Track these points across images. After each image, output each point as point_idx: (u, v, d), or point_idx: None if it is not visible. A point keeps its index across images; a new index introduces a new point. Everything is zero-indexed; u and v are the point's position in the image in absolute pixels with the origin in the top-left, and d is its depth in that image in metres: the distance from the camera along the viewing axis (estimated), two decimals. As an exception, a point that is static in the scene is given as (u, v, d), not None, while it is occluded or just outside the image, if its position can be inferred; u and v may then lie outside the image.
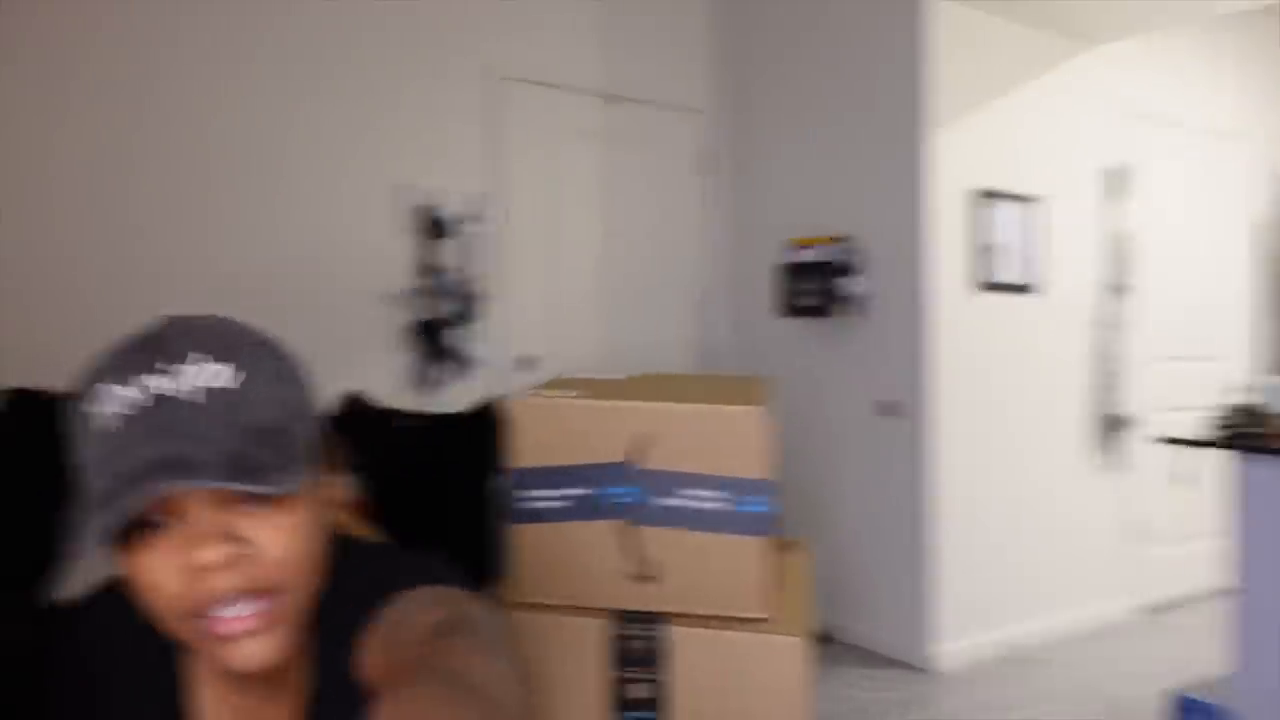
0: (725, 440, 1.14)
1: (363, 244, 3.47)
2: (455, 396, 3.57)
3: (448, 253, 3.65)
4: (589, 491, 1.16)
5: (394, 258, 3.58)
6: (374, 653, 0.70)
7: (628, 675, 1.15)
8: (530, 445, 1.17)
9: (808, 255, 3.85)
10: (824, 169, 3.94)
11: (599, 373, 1.44)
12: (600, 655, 1.15)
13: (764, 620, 1.16)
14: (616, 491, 1.16)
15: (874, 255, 3.70)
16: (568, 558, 1.17)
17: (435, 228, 3.58)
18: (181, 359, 0.65)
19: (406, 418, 2.95)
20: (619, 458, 1.15)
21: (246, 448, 0.64)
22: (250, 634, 0.66)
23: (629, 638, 1.15)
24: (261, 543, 0.66)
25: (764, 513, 1.15)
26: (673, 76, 4.30)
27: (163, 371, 0.64)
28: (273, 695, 0.77)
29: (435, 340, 3.56)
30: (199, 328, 0.68)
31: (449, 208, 3.67)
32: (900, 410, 3.62)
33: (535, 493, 1.17)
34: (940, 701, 3.26)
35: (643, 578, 1.17)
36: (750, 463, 1.13)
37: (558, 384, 1.32)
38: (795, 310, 3.91)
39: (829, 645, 3.74)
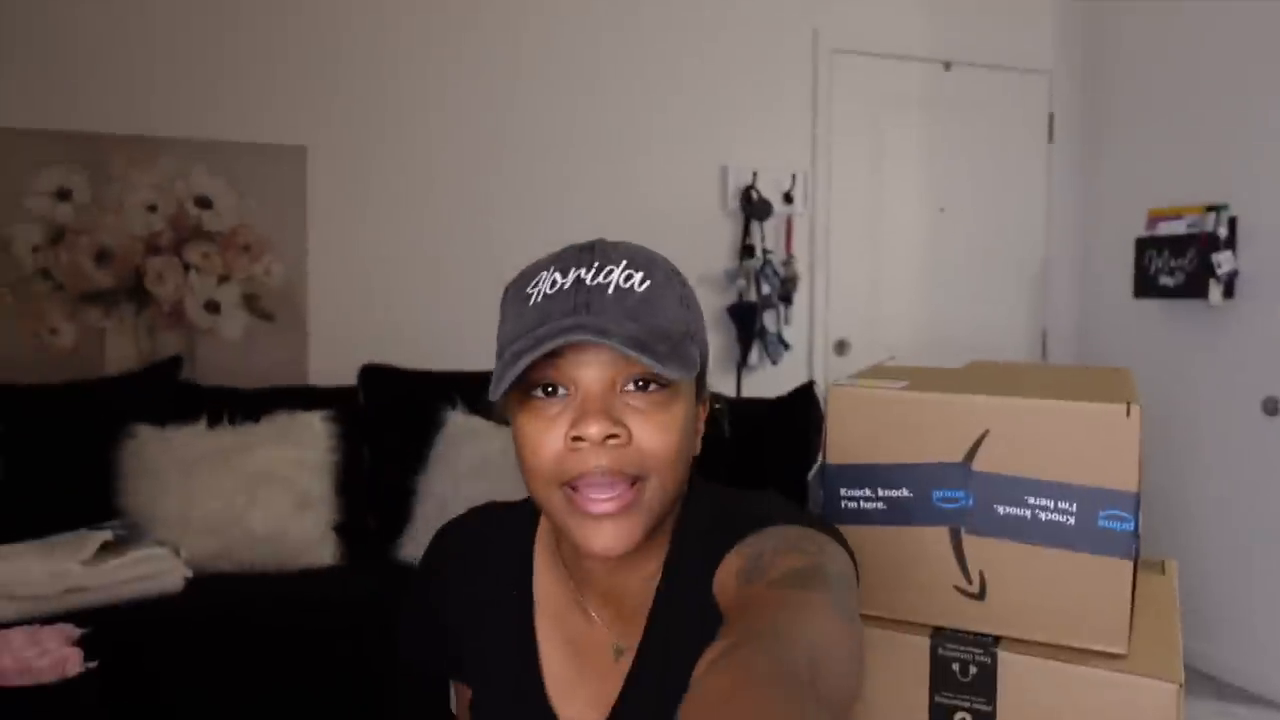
0: (1086, 443, 0.97)
1: (689, 224, 3.51)
2: (770, 381, 3.52)
3: (768, 233, 3.60)
4: (916, 494, 1.04)
5: (717, 238, 3.59)
6: (727, 577, 0.71)
7: (951, 700, 1.02)
8: (850, 439, 1.07)
9: (1174, 227, 3.36)
10: (1193, 129, 3.41)
11: (927, 360, 1.30)
12: (921, 675, 1.03)
13: (1123, 657, 0.98)
14: (948, 495, 1.03)
15: (1258, 225, 3.16)
16: (889, 566, 1.06)
17: (757, 208, 3.54)
18: (610, 261, 0.74)
19: (719, 401, 2.94)
20: (951, 458, 1.02)
21: (649, 338, 0.71)
22: (611, 516, 0.71)
23: (955, 659, 1.02)
24: (639, 431, 0.72)
25: (1128, 530, 0.97)
26: (1014, 36, 3.94)
27: (594, 267, 0.74)
28: (610, 614, 0.82)
29: (751, 323, 3.52)
30: (627, 245, 0.78)
31: (772, 187, 3.61)
32: (1291, 410, 3.07)
33: (854, 492, 1.08)
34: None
35: (975, 595, 1.03)
36: (1115, 470, 0.96)
37: (882, 372, 1.20)
38: (1156, 291, 3.43)
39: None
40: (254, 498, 2.55)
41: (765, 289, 3.54)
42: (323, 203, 3.17)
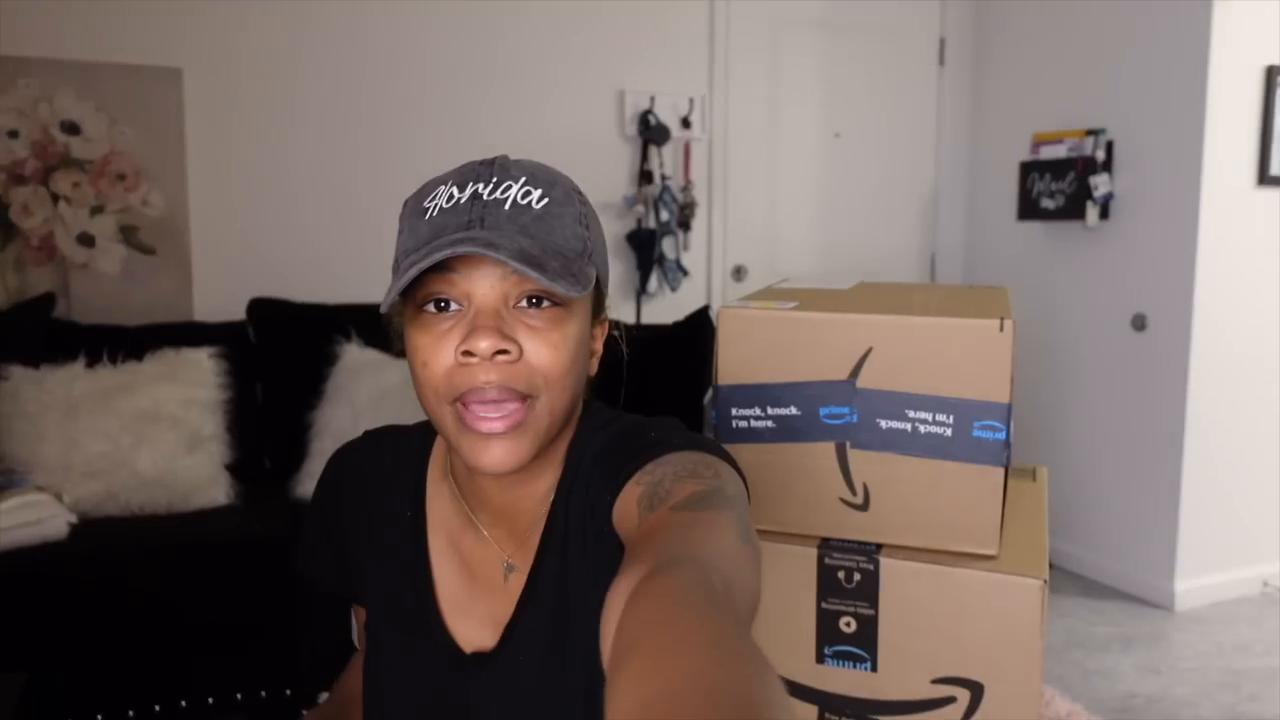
0: (961, 358, 1.01)
1: (586, 150, 3.46)
2: (669, 308, 3.55)
3: (666, 159, 3.58)
4: (803, 412, 1.07)
5: (615, 164, 3.56)
6: (628, 506, 0.71)
7: (837, 606, 1.07)
8: (740, 360, 1.09)
9: (1055, 151, 3.48)
10: (1076, 53, 3.51)
11: (818, 282, 1.33)
12: (808, 583, 1.08)
13: (994, 558, 1.04)
14: (834, 412, 1.06)
15: (1134, 149, 3.29)
16: (778, 482, 1.09)
17: (655, 132, 3.52)
18: (509, 177, 0.75)
19: (618, 327, 2.95)
20: (837, 376, 1.05)
21: (541, 255, 0.71)
22: (499, 435, 0.72)
23: (840, 567, 1.07)
24: (530, 348, 0.72)
25: (999, 440, 1.03)
26: (905, -41, 3.96)
27: (492, 182, 0.74)
28: (503, 532, 0.83)
29: (650, 250, 3.53)
30: (530, 162, 0.78)
31: (669, 112, 3.58)
32: (1155, 324, 3.25)
33: (744, 411, 1.10)
34: (1169, 638, 3.00)
35: (859, 506, 1.07)
36: (988, 384, 1.00)
37: (771, 294, 1.22)
38: (1038, 213, 3.56)
39: (1050, 572, 3.51)
40: (140, 438, 2.47)
41: (664, 215, 3.54)
42: (202, 129, 3.02)
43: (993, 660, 1.02)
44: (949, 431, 1.03)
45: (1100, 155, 3.31)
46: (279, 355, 2.90)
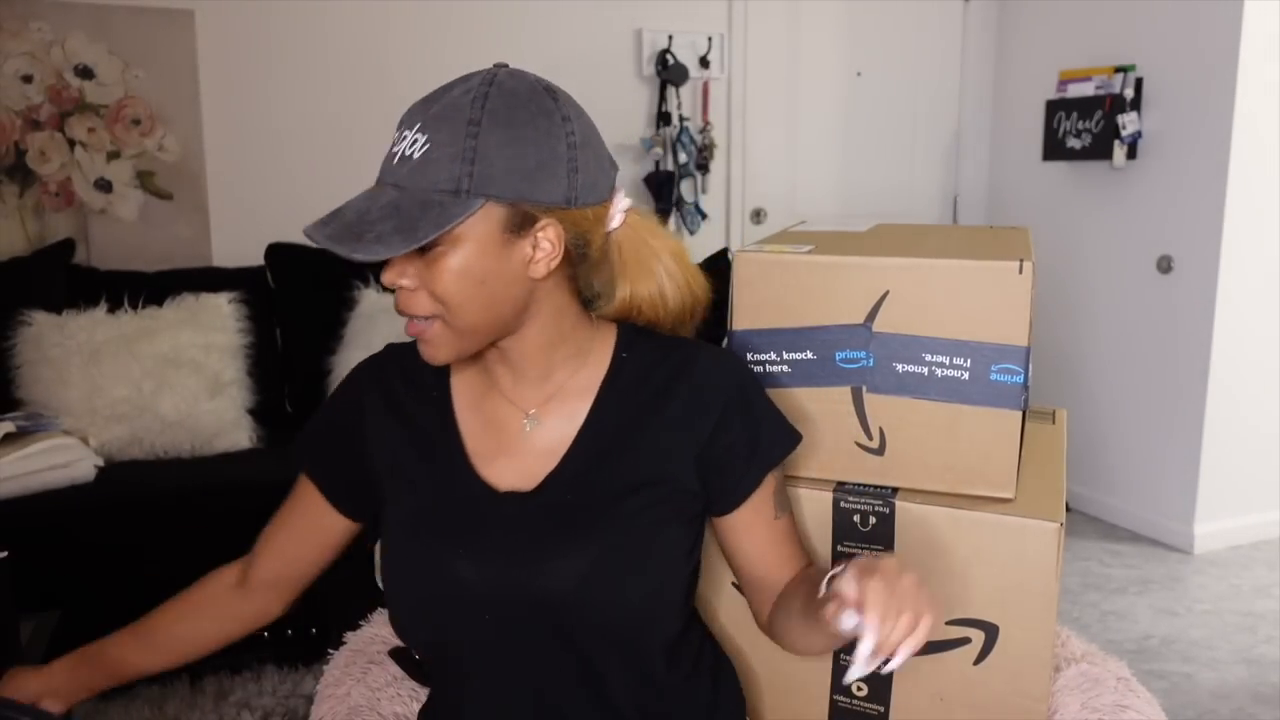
0: (979, 301, 1.00)
1: (604, 90, 3.41)
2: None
3: (684, 100, 3.53)
4: (820, 356, 1.06)
5: (633, 105, 3.51)
6: (764, 497, 0.97)
7: (852, 549, 1.08)
8: (755, 304, 1.09)
9: (1082, 89, 3.39)
10: (1108, -13, 3.40)
11: (835, 225, 1.31)
12: (824, 527, 1.08)
13: (1010, 501, 1.04)
14: (850, 356, 1.05)
15: (1164, 86, 3.21)
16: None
17: (673, 72, 3.46)
18: (409, 127, 0.84)
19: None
20: (853, 319, 1.04)
21: (377, 219, 0.80)
22: (422, 340, 0.88)
23: (856, 511, 1.07)
24: (426, 280, 0.84)
25: (1018, 383, 1.02)
26: (931, -111, 3.84)
27: (400, 136, 0.84)
28: (524, 392, 0.96)
29: (669, 192, 3.49)
30: (440, 103, 0.83)
31: (688, 51, 3.52)
32: (1181, 266, 3.20)
33: (760, 356, 1.09)
34: (1187, 580, 3.01)
35: (875, 450, 1.07)
36: (1006, 327, 0.99)
37: (788, 237, 1.21)
38: (1064, 153, 3.49)
39: (1067, 515, 3.52)
40: (162, 383, 2.49)
41: (682, 158, 3.49)
42: (215, 71, 2.99)
43: (1007, 603, 1.02)
44: (966, 375, 1.02)
45: (1129, 93, 3.23)
46: (298, 300, 2.91)
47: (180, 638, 1.08)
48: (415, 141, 0.82)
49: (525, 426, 0.95)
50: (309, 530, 1.04)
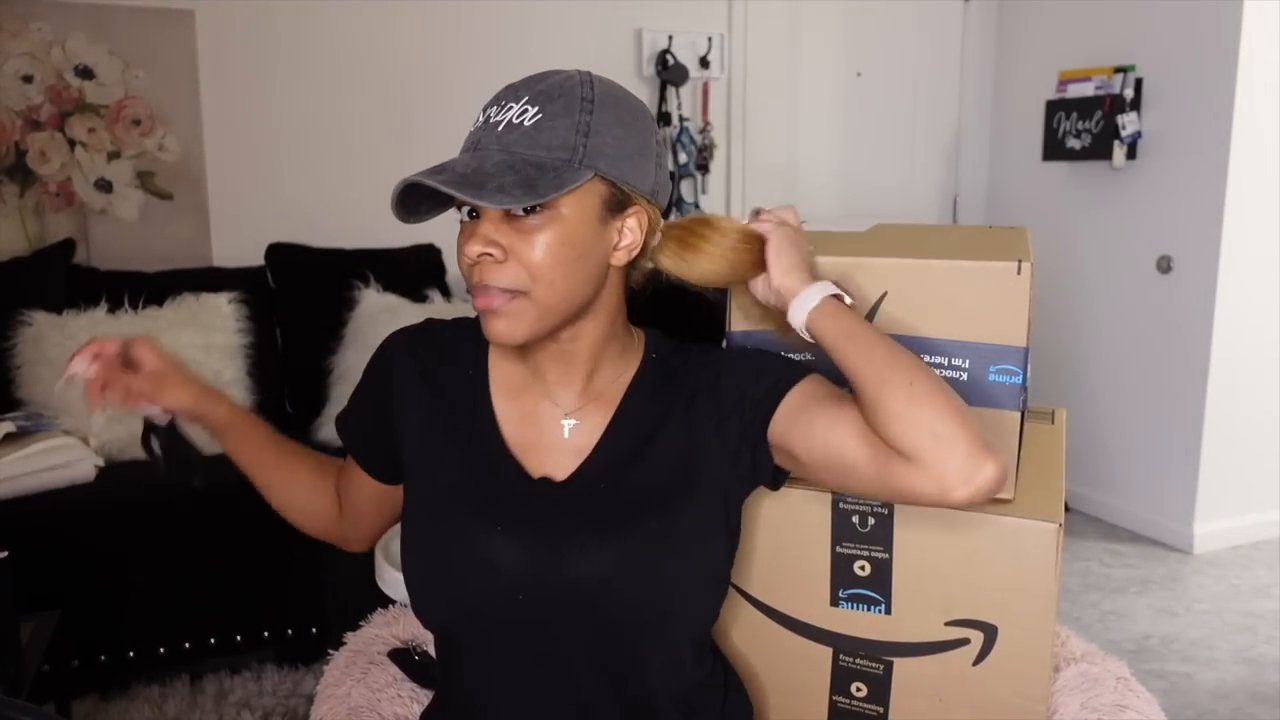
0: (978, 301, 1.00)
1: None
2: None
3: (684, 100, 3.53)
4: (817, 357, 1.06)
5: (628, 106, 3.50)
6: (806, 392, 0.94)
7: (851, 550, 1.08)
8: (754, 305, 1.09)
9: (1082, 89, 3.39)
10: (1108, -13, 3.41)
11: (834, 225, 1.31)
12: (823, 529, 1.08)
13: (1009, 501, 1.04)
14: (847, 356, 1.05)
15: (1164, 87, 3.21)
16: (791, 425, 1.08)
17: (673, 72, 3.46)
18: (514, 99, 0.85)
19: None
20: (851, 319, 1.04)
21: (495, 171, 0.80)
22: (494, 314, 0.85)
23: (854, 512, 1.07)
24: (516, 250, 0.83)
25: (1016, 384, 1.02)
26: (931, -111, 3.84)
27: (501, 105, 0.85)
28: (563, 392, 0.96)
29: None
30: (547, 81, 0.86)
31: (688, 51, 3.52)
32: (1180, 267, 3.20)
33: (758, 355, 1.09)
34: (1186, 580, 3.01)
35: (874, 450, 1.07)
36: (1005, 327, 0.99)
37: (787, 237, 1.20)
38: (1064, 153, 3.49)
39: (1067, 515, 3.52)
40: (163, 383, 2.49)
41: (682, 158, 3.49)
42: (215, 72, 3.00)
43: (1006, 603, 1.02)
44: (965, 375, 1.02)
45: (1129, 93, 3.23)
46: (298, 300, 2.91)
47: (295, 483, 1.11)
48: (526, 111, 0.83)
49: (564, 429, 0.96)
50: (364, 498, 1.07)
